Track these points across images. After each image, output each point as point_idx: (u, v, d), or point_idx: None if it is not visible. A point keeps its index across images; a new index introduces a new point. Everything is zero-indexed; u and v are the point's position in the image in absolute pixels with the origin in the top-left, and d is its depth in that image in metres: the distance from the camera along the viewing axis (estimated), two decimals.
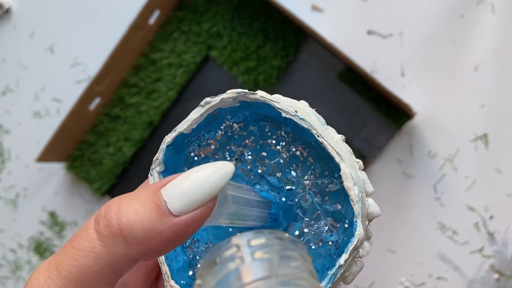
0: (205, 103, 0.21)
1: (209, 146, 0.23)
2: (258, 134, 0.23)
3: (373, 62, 0.56)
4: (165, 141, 0.22)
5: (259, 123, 0.23)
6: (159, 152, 0.22)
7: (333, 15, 0.58)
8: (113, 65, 0.62)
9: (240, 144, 0.23)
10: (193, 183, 0.16)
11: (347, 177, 0.20)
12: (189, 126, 0.21)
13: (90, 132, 0.67)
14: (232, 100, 0.21)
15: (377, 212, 0.21)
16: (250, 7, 0.61)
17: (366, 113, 0.55)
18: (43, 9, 0.72)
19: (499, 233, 0.51)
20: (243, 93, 0.21)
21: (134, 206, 0.15)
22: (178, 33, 0.64)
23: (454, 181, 0.53)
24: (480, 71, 0.53)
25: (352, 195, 0.20)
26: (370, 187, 0.22)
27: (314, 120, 0.22)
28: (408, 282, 0.54)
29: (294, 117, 0.21)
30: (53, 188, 0.70)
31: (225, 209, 0.18)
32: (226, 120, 0.23)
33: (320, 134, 0.20)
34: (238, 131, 0.23)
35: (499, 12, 0.52)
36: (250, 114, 0.23)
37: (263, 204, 0.22)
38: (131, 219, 0.15)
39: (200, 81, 0.63)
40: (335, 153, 0.20)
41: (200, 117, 0.21)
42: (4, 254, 0.72)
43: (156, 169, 0.22)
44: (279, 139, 0.23)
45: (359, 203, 0.20)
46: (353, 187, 0.20)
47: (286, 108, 0.21)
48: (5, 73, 0.73)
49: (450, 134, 0.53)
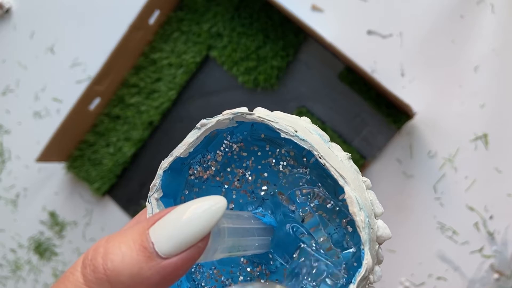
0: (201, 125, 0.20)
1: (210, 168, 0.22)
2: (259, 154, 0.22)
3: (373, 62, 0.56)
4: (162, 166, 0.21)
5: (259, 142, 0.22)
6: (156, 178, 0.21)
7: (333, 15, 0.58)
8: (113, 65, 0.62)
9: (241, 165, 0.22)
10: (181, 223, 0.15)
11: (352, 201, 0.19)
12: (185, 150, 0.21)
13: (90, 132, 0.67)
14: (229, 121, 0.20)
15: (387, 234, 0.20)
16: (250, 7, 0.61)
17: (366, 113, 0.55)
18: (43, 9, 0.72)
19: (499, 233, 0.51)
20: (239, 113, 0.20)
21: (121, 249, 0.14)
22: (178, 33, 0.64)
23: (454, 181, 0.53)
24: (480, 71, 0.53)
25: (358, 221, 0.18)
26: (379, 208, 0.21)
27: (316, 139, 0.20)
28: (408, 282, 0.54)
29: (294, 138, 0.19)
30: (53, 188, 0.70)
31: (220, 244, 0.17)
32: (225, 140, 0.22)
33: (322, 155, 0.19)
34: (238, 152, 0.22)
35: (499, 12, 0.52)
36: (249, 133, 0.22)
37: (265, 231, 0.21)
38: (117, 264, 0.14)
39: (200, 81, 0.63)
40: (338, 176, 0.19)
41: (197, 140, 0.21)
42: (4, 254, 0.72)
43: (154, 196, 0.21)
44: (280, 159, 0.21)
45: (366, 229, 0.19)
46: (359, 212, 0.19)
47: (285, 128, 0.19)
48: (5, 73, 0.74)
49: (450, 134, 0.53)
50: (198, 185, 0.23)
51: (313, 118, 0.57)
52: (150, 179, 0.66)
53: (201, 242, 0.15)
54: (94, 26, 0.69)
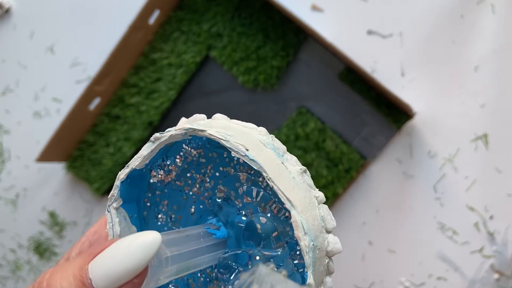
0: (155, 139, 0.21)
1: (171, 173, 0.23)
2: (217, 162, 0.22)
3: (373, 62, 0.56)
4: (119, 177, 0.22)
5: (217, 149, 0.22)
6: (114, 189, 0.21)
7: (333, 15, 0.58)
8: (113, 65, 0.62)
9: (200, 171, 0.22)
10: (116, 260, 0.15)
11: (297, 226, 0.19)
12: (141, 162, 0.21)
13: (90, 132, 0.67)
14: (182, 136, 0.21)
15: (337, 249, 0.20)
16: (250, 7, 0.61)
17: (366, 113, 0.55)
18: (43, 9, 0.72)
19: (499, 233, 0.51)
20: (192, 129, 0.20)
21: (62, 285, 0.15)
22: (178, 33, 0.64)
23: (454, 181, 0.53)
24: (480, 71, 0.53)
25: (302, 246, 0.19)
26: (331, 223, 0.21)
27: (269, 155, 0.20)
28: (408, 282, 0.54)
29: (244, 158, 0.19)
30: (53, 188, 0.70)
31: (163, 274, 0.17)
32: (184, 145, 0.22)
33: (271, 177, 0.19)
34: (197, 158, 0.22)
35: (499, 12, 0.52)
36: (207, 140, 0.22)
37: (217, 246, 0.21)
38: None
39: (200, 81, 0.63)
40: (286, 199, 0.19)
41: (151, 153, 0.21)
42: (4, 254, 0.72)
43: (113, 206, 0.21)
44: (237, 166, 0.22)
45: (310, 253, 0.19)
46: (304, 237, 0.19)
47: (236, 147, 0.20)
48: (5, 73, 0.73)
49: (450, 134, 0.53)
50: (160, 189, 0.23)
51: (313, 118, 0.57)
52: None
53: (136, 278, 0.15)
54: (94, 26, 0.69)
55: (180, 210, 0.23)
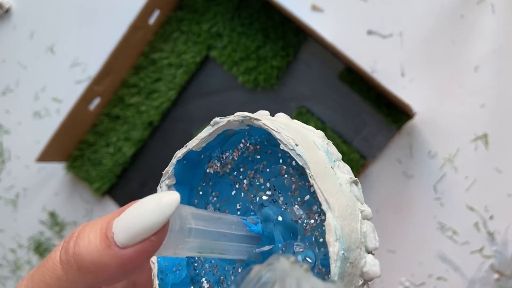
0: (214, 123, 0.21)
1: (227, 166, 0.23)
2: (271, 160, 0.22)
3: (373, 62, 0.56)
4: (176, 155, 0.22)
5: (274, 147, 0.22)
6: (169, 166, 0.22)
7: (333, 15, 0.58)
8: (113, 65, 0.62)
9: (253, 167, 0.22)
10: (135, 215, 0.16)
11: (330, 229, 0.17)
12: (198, 144, 0.21)
13: (90, 132, 0.67)
14: (239, 123, 0.21)
15: (374, 272, 0.19)
16: (250, 7, 0.61)
17: (366, 113, 0.55)
18: (43, 9, 0.72)
19: (499, 233, 0.51)
20: (248, 117, 0.20)
21: (89, 236, 0.16)
22: (178, 33, 0.64)
23: (454, 181, 0.53)
24: (480, 71, 0.53)
25: (331, 252, 0.17)
26: (372, 242, 0.19)
27: (320, 156, 0.20)
28: (408, 282, 0.54)
29: (291, 152, 0.19)
30: (53, 188, 0.70)
31: (182, 243, 0.17)
32: (243, 140, 0.22)
33: (313, 175, 0.18)
34: (253, 154, 0.22)
35: (499, 12, 0.52)
36: (266, 137, 0.22)
37: (249, 239, 0.20)
38: (82, 250, 0.15)
39: (200, 81, 0.63)
40: (323, 200, 0.18)
41: (209, 136, 0.21)
42: (4, 254, 0.72)
43: (165, 182, 0.22)
44: (289, 168, 0.21)
45: (338, 262, 0.17)
46: (334, 243, 0.17)
47: (286, 140, 0.19)
48: (5, 73, 0.73)
49: (450, 134, 0.53)
50: (214, 180, 0.23)
51: (313, 118, 0.57)
52: (150, 179, 0.66)
53: (154, 236, 0.15)
54: (94, 26, 0.69)
55: (228, 204, 0.23)
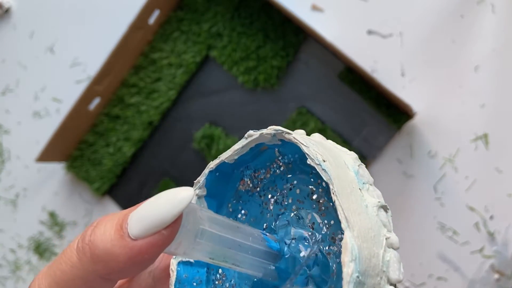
0: (248, 136, 0.21)
1: (258, 184, 0.22)
2: (302, 178, 0.21)
3: (373, 62, 0.56)
4: (209, 166, 0.21)
5: (306, 167, 0.21)
6: (201, 176, 0.21)
7: (333, 15, 0.58)
8: (113, 65, 0.62)
9: (282, 186, 0.22)
10: (148, 208, 0.16)
11: (346, 248, 0.16)
12: (231, 156, 0.21)
13: (89, 132, 0.67)
14: (271, 137, 0.20)
15: None
16: (250, 7, 0.61)
17: (366, 113, 0.55)
18: (43, 9, 0.72)
19: (499, 233, 0.51)
20: (280, 131, 0.20)
21: (106, 226, 0.16)
22: (178, 33, 0.64)
23: (454, 181, 0.53)
24: (480, 71, 0.53)
25: (344, 273, 0.16)
26: (396, 273, 0.18)
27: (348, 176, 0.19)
28: (408, 282, 0.54)
29: (317, 166, 0.18)
30: (53, 188, 0.70)
31: (195, 244, 0.17)
32: (277, 159, 0.22)
33: (336, 191, 0.17)
34: (284, 172, 0.22)
35: (499, 12, 0.52)
36: (300, 157, 0.21)
37: (266, 255, 0.20)
38: (97, 238, 0.16)
39: (200, 81, 0.63)
40: (343, 217, 0.17)
41: (242, 149, 0.21)
42: (4, 254, 0.72)
43: (196, 192, 0.21)
44: (318, 189, 0.20)
45: (351, 284, 0.16)
46: (349, 264, 0.16)
47: (314, 155, 0.18)
48: (5, 73, 0.73)
49: (450, 134, 0.53)
50: (245, 198, 0.23)
51: (313, 118, 0.57)
52: (150, 179, 0.66)
53: (165, 230, 0.16)
54: (94, 26, 0.69)
55: (256, 223, 0.22)
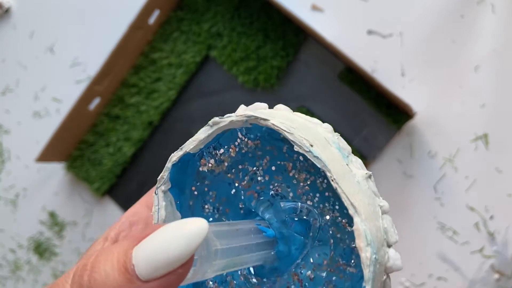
0: (213, 124, 0.20)
1: (223, 163, 0.21)
2: (275, 155, 0.21)
3: (373, 62, 0.56)
4: (171, 159, 0.20)
5: (277, 142, 0.21)
6: (164, 171, 0.20)
7: (333, 15, 0.58)
8: (113, 65, 0.62)
9: (254, 163, 0.21)
10: (159, 247, 0.14)
11: (359, 235, 0.17)
12: (196, 146, 0.20)
13: (90, 132, 0.67)
14: (242, 123, 0.20)
15: (397, 266, 0.19)
16: (250, 7, 0.61)
17: (366, 113, 0.55)
18: (43, 9, 0.72)
19: (500, 233, 0.51)
20: (254, 117, 0.19)
21: (105, 269, 0.14)
22: (178, 33, 0.64)
23: (454, 181, 0.53)
24: (480, 71, 0.53)
25: (363, 258, 0.17)
26: (394, 237, 0.19)
27: (334, 154, 0.19)
28: (409, 282, 0.54)
29: (307, 154, 0.18)
30: (53, 188, 0.70)
31: (210, 267, 0.17)
32: (241, 135, 0.21)
33: (335, 178, 0.18)
34: (253, 149, 0.21)
35: (499, 12, 0.52)
36: (267, 131, 0.21)
37: (267, 245, 0.20)
38: (99, 284, 0.14)
39: (200, 81, 0.63)
40: (349, 204, 0.18)
41: (208, 138, 0.20)
42: (3, 254, 0.72)
43: (161, 188, 0.21)
44: (296, 164, 0.20)
45: (371, 267, 0.17)
46: (366, 248, 0.17)
47: (300, 141, 0.18)
48: (5, 73, 0.73)
49: (450, 134, 0.53)
50: (210, 179, 0.22)
51: None
52: (150, 179, 0.66)
53: (181, 268, 0.14)
54: (94, 26, 0.69)
55: (229, 203, 0.22)
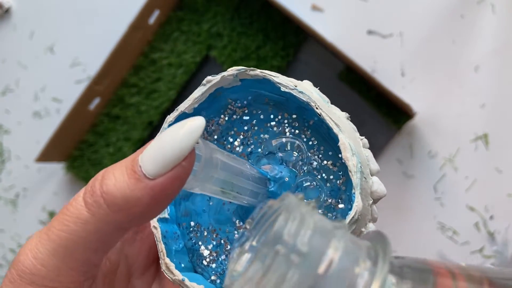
0: (207, 82, 0.21)
1: (214, 132, 0.23)
2: (261, 118, 0.23)
3: (373, 62, 0.56)
4: (167, 120, 0.21)
5: (263, 106, 0.23)
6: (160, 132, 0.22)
7: (333, 15, 0.58)
8: (113, 65, 0.62)
9: (243, 128, 0.23)
10: (163, 144, 0.15)
11: (345, 147, 0.19)
12: (190, 105, 0.21)
13: (90, 132, 0.67)
14: (233, 78, 0.21)
15: (382, 190, 0.20)
16: (250, 7, 0.61)
17: (366, 113, 0.55)
18: (43, 9, 0.72)
19: (499, 233, 0.51)
20: (243, 70, 0.21)
21: (115, 175, 0.16)
22: (178, 33, 0.64)
23: (454, 181, 0.53)
24: (480, 71, 0.53)
25: (350, 165, 0.19)
26: (375, 165, 0.21)
27: (316, 97, 0.21)
28: None
29: (293, 91, 0.20)
30: (53, 188, 0.70)
31: (212, 172, 0.18)
32: (230, 106, 0.23)
33: (319, 106, 0.20)
34: (240, 115, 0.23)
35: (500, 12, 0.52)
36: (253, 98, 0.23)
37: (260, 180, 0.21)
38: (111, 188, 0.15)
39: (200, 81, 0.63)
40: (333, 124, 0.19)
41: (202, 96, 0.21)
42: (4, 254, 0.72)
43: None
44: (281, 122, 0.22)
45: (358, 173, 0.19)
46: (351, 157, 0.19)
47: (285, 83, 0.20)
48: (5, 73, 0.73)
49: (450, 134, 0.53)
50: None
51: None
52: None
53: (185, 161, 0.15)
54: (93, 26, 0.69)
55: None
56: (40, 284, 0.16)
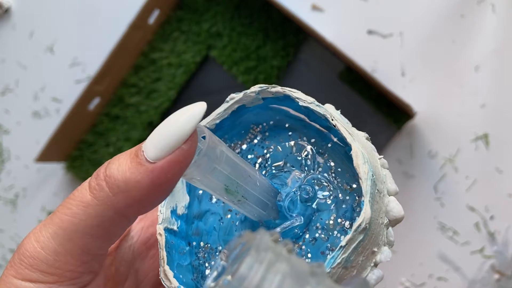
0: (230, 99, 0.22)
1: None
2: (281, 141, 0.23)
3: (373, 62, 0.56)
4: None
5: (282, 131, 0.23)
6: None
7: (333, 15, 0.58)
8: (112, 65, 0.62)
9: (262, 152, 0.23)
10: (163, 127, 0.16)
11: (357, 155, 0.19)
12: (212, 120, 0.22)
13: (89, 132, 0.67)
14: (255, 95, 0.21)
15: (398, 211, 0.19)
16: (250, 7, 0.61)
17: (366, 113, 0.55)
18: (43, 9, 0.72)
19: (500, 233, 0.51)
20: (265, 87, 0.21)
21: (119, 159, 0.16)
22: (178, 33, 0.64)
23: (454, 181, 0.53)
24: (480, 71, 0.53)
25: (361, 173, 0.18)
26: (393, 185, 0.20)
27: (336, 116, 0.21)
28: (409, 283, 0.54)
29: (310, 105, 0.20)
30: (53, 188, 0.70)
31: (215, 163, 0.18)
32: (252, 129, 0.23)
33: (335, 117, 0.20)
34: (262, 140, 0.23)
35: (500, 12, 0.52)
36: (274, 123, 0.23)
37: (270, 190, 0.21)
38: (113, 171, 0.16)
39: (200, 81, 0.63)
40: (347, 134, 0.19)
41: (224, 112, 0.22)
42: (3, 254, 0.72)
43: None
44: (299, 145, 0.23)
45: (368, 181, 0.18)
46: (363, 165, 0.18)
47: (304, 97, 0.21)
48: (4, 73, 0.73)
49: (450, 134, 0.53)
50: None
51: None
52: None
53: (185, 145, 0.16)
54: (93, 26, 0.69)
55: None
56: (38, 268, 0.16)
